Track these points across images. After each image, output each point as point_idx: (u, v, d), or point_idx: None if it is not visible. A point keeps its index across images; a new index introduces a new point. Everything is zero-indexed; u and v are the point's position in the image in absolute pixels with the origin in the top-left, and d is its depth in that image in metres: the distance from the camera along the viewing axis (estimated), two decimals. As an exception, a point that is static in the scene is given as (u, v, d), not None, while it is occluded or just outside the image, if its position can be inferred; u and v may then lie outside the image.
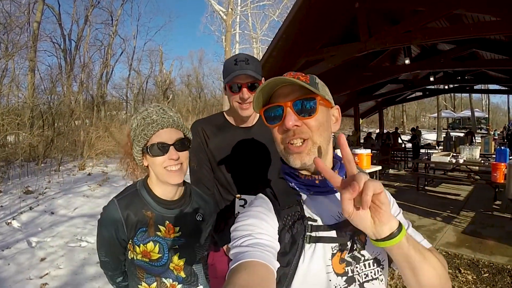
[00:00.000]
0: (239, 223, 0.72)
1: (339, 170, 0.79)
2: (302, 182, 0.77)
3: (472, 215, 5.17)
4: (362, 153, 6.38)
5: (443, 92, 15.76)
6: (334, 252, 0.71)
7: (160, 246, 1.10)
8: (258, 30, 22.75)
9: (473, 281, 3.12)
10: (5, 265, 3.59)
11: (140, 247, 1.09)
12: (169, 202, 1.13)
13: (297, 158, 0.74)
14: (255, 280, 0.57)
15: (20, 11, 14.08)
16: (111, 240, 1.09)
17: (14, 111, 9.11)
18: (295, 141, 0.74)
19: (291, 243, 0.70)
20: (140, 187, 1.13)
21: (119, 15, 21.22)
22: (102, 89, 18.42)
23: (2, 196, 6.17)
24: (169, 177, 1.07)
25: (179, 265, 1.16)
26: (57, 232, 4.57)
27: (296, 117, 0.72)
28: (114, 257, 1.13)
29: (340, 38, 5.93)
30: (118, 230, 1.07)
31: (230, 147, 1.46)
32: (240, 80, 1.35)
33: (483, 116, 31.45)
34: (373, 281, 0.73)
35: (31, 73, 12.71)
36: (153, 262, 1.10)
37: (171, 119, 1.07)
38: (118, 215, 1.06)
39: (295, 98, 0.73)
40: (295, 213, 0.73)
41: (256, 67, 1.37)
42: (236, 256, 0.63)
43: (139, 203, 1.10)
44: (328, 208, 0.75)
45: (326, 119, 0.77)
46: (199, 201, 1.24)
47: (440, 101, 25.48)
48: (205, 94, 33.01)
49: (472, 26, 4.31)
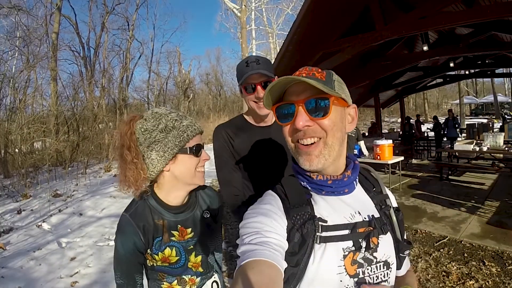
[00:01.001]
0: (247, 219, 0.71)
1: (352, 171, 0.77)
2: (314, 182, 0.75)
3: (497, 204, 4.99)
4: (384, 144, 6.28)
5: (464, 78, 15.17)
6: (346, 254, 0.69)
7: (176, 250, 1.13)
8: (273, 25, 22.60)
9: (497, 274, 3.03)
10: (37, 265, 3.75)
11: (159, 255, 1.11)
12: (179, 207, 1.16)
13: (306, 160, 0.72)
14: (263, 280, 0.56)
15: (37, 23, 14.64)
16: (128, 256, 1.07)
17: (39, 119, 9.55)
18: (306, 141, 0.72)
19: (300, 243, 0.68)
20: (147, 197, 1.12)
21: (134, 20, 21.73)
22: (123, 93, 19.00)
23: (32, 200, 6.49)
24: (199, 178, 1.12)
25: (197, 262, 1.19)
26: (86, 232, 4.77)
27: (308, 117, 0.70)
28: (130, 277, 1.10)
29: (355, 28, 5.82)
30: (136, 243, 1.06)
31: (252, 147, 1.50)
32: (254, 80, 1.38)
33: (506, 100, 30.05)
34: (382, 283, 0.73)
35: (53, 82, 13.24)
36: (173, 265, 1.13)
37: (197, 125, 1.14)
38: (134, 229, 1.06)
39: (307, 97, 0.70)
40: (305, 212, 0.71)
41: (267, 66, 1.40)
42: (244, 254, 0.62)
43: (150, 213, 1.10)
44: (340, 209, 0.74)
45: (340, 119, 0.74)
46: (204, 198, 1.28)
47: (462, 87, 24.45)
48: (224, 91, 33.48)
49: (489, 8, 4.13)
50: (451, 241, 3.86)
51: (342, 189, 0.76)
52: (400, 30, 4.79)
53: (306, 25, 5.21)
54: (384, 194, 0.84)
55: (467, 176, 7.22)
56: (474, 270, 3.13)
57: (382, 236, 0.74)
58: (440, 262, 3.35)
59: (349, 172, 0.77)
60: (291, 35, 5.46)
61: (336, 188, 0.75)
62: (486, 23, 6.13)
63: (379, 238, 0.73)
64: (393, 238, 0.77)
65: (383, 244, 0.74)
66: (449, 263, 3.31)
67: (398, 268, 0.79)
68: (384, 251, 0.74)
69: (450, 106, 39.53)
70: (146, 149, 1.06)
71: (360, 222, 0.72)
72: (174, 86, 26.92)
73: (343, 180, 0.75)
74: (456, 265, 3.25)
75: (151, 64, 25.04)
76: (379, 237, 0.73)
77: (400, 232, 0.79)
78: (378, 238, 0.73)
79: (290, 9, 20.99)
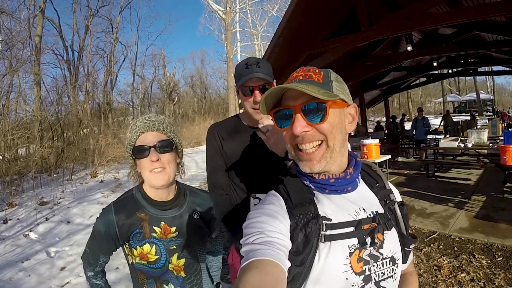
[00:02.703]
0: (251, 219, 0.71)
1: (354, 169, 0.77)
2: (317, 182, 0.75)
3: (484, 199, 5.15)
4: (371, 143, 6.36)
5: (447, 77, 15.60)
6: (352, 251, 0.70)
7: (156, 247, 1.12)
8: (258, 27, 22.77)
9: (487, 266, 3.12)
10: (26, 276, 3.65)
11: (137, 250, 1.11)
12: (163, 203, 1.16)
13: (306, 165, 0.73)
14: (267, 280, 0.56)
15: (20, 26, 14.25)
16: (99, 237, 1.13)
17: (23, 125, 9.26)
18: (305, 147, 0.72)
19: (304, 243, 0.68)
20: (135, 191, 1.17)
21: (118, 22, 21.42)
22: (108, 97, 18.72)
23: (18, 209, 6.29)
24: (154, 179, 1.10)
25: (179, 266, 1.16)
26: (74, 240, 4.68)
27: (305, 122, 0.70)
28: (95, 252, 1.17)
29: (341, 29, 5.90)
30: (110, 230, 1.11)
31: (245, 149, 1.49)
32: (252, 83, 1.37)
33: (488, 98, 31.03)
34: (388, 279, 0.74)
35: (37, 87, 12.95)
36: (151, 264, 1.12)
37: (151, 123, 1.11)
38: (112, 217, 1.11)
39: (304, 102, 0.70)
40: (308, 212, 0.71)
41: (267, 69, 1.39)
42: (248, 254, 0.62)
43: (134, 206, 1.13)
44: (345, 206, 0.74)
45: (340, 121, 0.74)
46: (195, 199, 1.25)
47: (445, 85, 25.15)
48: (209, 94, 33.27)
49: (473, 9, 4.27)
50: (440, 236, 3.94)
51: (345, 187, 0.76)
52: (385, 31, 4.88)
53: (292, 27, 5.24)
54: (387, 189, 0.84)
55: (453, 172, 7.42)
56: (464, 263, 3.21)
57: (387, 232, 0.74)
58: (431, 257, 3.42)
59: (351, 170, 0.77)
60: (276, 37, 5.48)
61: (339, 186, 0.75)
62: (469, 23, 6.32)
63: (384, 234, 0.74)
64: (398, 232, 0.78)
65: (389, 240, 0.74)
66: (440, 257, 3.39)
67: (404, 262, 0.79)
68: (390, 247, 0.74)
69: (434, 105, 40.57)
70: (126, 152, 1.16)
71: (364, 219, 0.73)
72: (158, 89, 26.71)
73: (345, 178, 0.75)
74: (447, 259, 3.33)
75: (135, 67, 24.76)
76: (384, 233, 0.73)
77: (405, 226, 0.80)
78: (383, 234, 0.73)
79: (275, 11, 21.17)
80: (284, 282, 0.60)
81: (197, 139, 15.52)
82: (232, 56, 16.46)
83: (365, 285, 0.70)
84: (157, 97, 26.66)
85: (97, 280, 1.22)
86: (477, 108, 27.52)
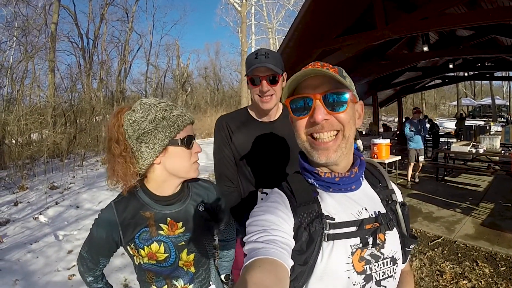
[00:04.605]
0: (254, 217, 0.71)
1: (359, 167, 0.78)
2: (322, 180, 0.75)
3: (492, 206, 5.05)
4: (381, 143, 6.29)
5: (462, 80, 15.21)
6: (354, 251, 0.70)
7: (165, 245, 1.06)
8: (273, 20, 22.61)
9: (490, 274, 3.08)
10: (34, 258, 3.75)
11: (145, 250, 1.04)
12: (167, 197, 1.09)
13: (322, 154, 0.72)
14: (270, 278, 0.56)
15: (36, 13, 14.51)
16: (100, 240, 1.05)
17: (37, 111, 9.45)
18: (323, 135, 0.71)
19: (308, 242, 0.68)
20: (137, 189, 1.08)
21: (134, 12, 21.62)
22: (121, 85, 19.00)
23: (29, 193, 6.46)
24: (194, 171, 1.08)
25: (189, 261, 1.12)
26: (83, 225, 4.77)
27: (326, 110, 0.70)
28: (94, 257, 1.09)
29: (356, 27, 5.82)
30: (113, 232, 1.03)
31: (253, 142, 1.49)
32: (260, 73, 1.38)
33: (503, 103, 30.25)
34: (389, 278, 0.74)
35: (51, 73, 13.18)
36: (161, 263, 1.06)
37: (190, 115, 1.08)
38: (115, 218, 1.03)
39: (325, 91, 0.71)
40: (312, 210, 0.71)
41: (276, 61, 1.40)
42: (251, 252, 0.63)
43: (137, 205, 1.06)
44: (348, 205, 0.75)
45: (353, 114, 0.75)
46: (199, 190, 1.20)
47: (460, 88, 24.61)
48: (222, 86, 33.31)
49: (492, 12, 4.15)
50: (445, 241, 3.91)
51: (349, 186, 0.76)
52: (402, 30, 4.79)
53: (307, 22, 5.19)
54: (390, 189, 0.85)
55: (463, 177, 7.28)
56: (467, 270, 3.18)
57: (389, 232, 0.75)
58: (434, 262, 3.40)
59: (356, 169, 0.77)
60: (292, 31, 5.44)
61: (344, 185, 0.75)
62: (487, 26, 6.16)
63: (386, 234, 0.74)
64: (399, 233, 0.79)
65: (390, 240, 0.75)
66: (443, 262, 3.36)
67: (403, 262, 0.80)
68: (391, 247, 0.75)
69: (448, 107, 39.78)
70: (135, 141, 1.01)
71: (367, 219, 0.73)
72: (172, 80, 26.91)
73: (350, 177, 0.76)
74: (450, 265, 3.30)
75: (149, 57, 25.02)
76: (385, 233, 0.74)
77: (406, 227, 0.81)
78: (385, 235, 0.74)
79: (291, 5, 20.94)
80: (287, 281, 0.60)
81: (208, 130, 15.51)
82: (246, 49, 16.42)
83: (366, 284, 0.71)
84: (170, 87, 26.91)
85: (99, 284, 1.16)
86: (491, 113, 26.89)
